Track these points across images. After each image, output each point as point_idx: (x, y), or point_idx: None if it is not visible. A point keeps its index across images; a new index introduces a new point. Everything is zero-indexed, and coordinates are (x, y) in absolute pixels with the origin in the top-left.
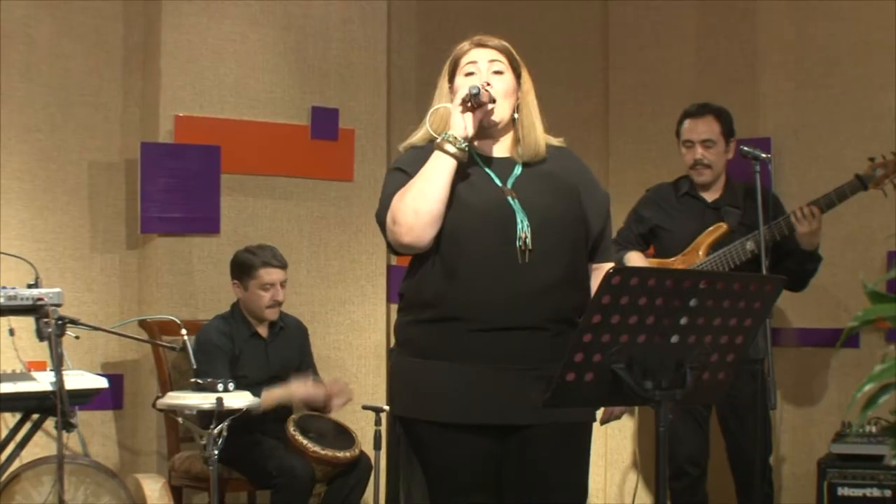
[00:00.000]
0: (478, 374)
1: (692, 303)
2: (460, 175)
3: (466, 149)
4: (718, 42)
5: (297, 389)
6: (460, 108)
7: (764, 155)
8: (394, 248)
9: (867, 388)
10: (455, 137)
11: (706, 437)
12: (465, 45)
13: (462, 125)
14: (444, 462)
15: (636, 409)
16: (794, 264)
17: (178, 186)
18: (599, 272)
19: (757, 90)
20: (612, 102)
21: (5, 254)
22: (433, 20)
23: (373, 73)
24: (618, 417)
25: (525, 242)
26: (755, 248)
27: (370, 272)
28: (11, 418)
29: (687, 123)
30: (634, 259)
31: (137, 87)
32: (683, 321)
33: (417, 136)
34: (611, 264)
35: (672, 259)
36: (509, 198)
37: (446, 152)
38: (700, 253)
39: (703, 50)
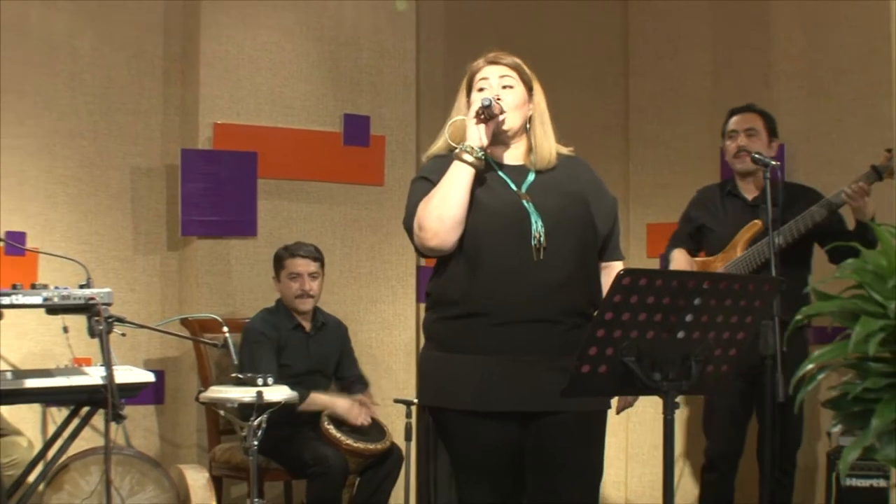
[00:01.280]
0: (499, 365)
1: (696, 301)
2: (479, 181)
3: (483, 157)
4: (733, 51)
5: (342, 407)
6: (475, 121)
7: (773, 162)
8: (421, 252)
9: (807, 367)
10: (472, 147)
11: (742, 436)
12: (480, 62)
13: (477, 136)
14: (468, 448)
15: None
16: (856, 236)
17: (216, 191)
18: (609, 270)
19: (771, 97)
20: (633, 108)
21: (60, 256)
22: (460, 29)
23: (402, 82)
24: (631, 405)
25: (539, 241)
26: (783, 243)
27: (400, 273)
28: (58, 413)
29: (733, 118)
30: (677, 256)
31: (177, 95)
32: (689, 318)
33: (437, 146)
34: (619, 263)
35: (714, 257)
36: (524, 201)
37: (464, 161)
38: (738, 250)
39: (719, 58)
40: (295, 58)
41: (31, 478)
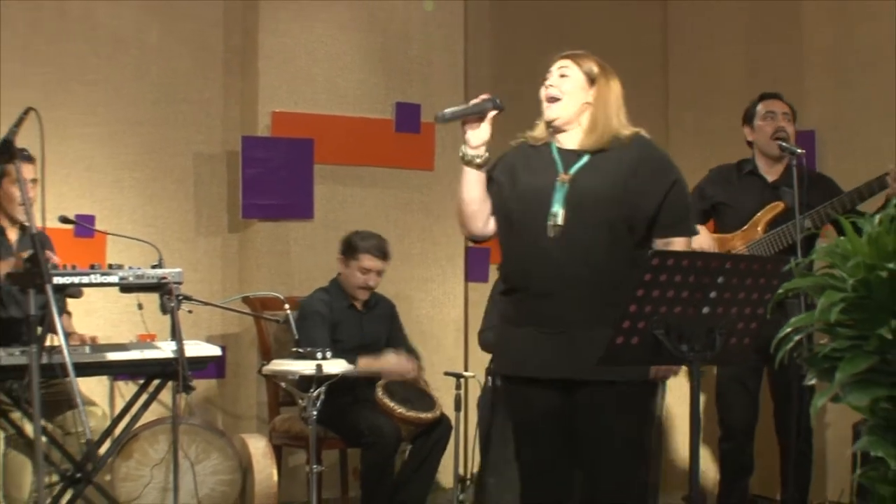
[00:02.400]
0: (537, 334)
1: (719, 280)
2: (528, 166)
3: (481, 156)
4: (766, 44)
5: (390, 361)
6: (465, 128)
7: (799, 150)
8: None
9: (786, 331)
10: (465, 152)
11: (755, 406)
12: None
13: (471, 137)
14: (521, 410)
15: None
16: None
17: (275, 176)
18: (672, 246)
19: (801, 88)
20: (671, 99)
21: (133, 238)
22: (506, 21)
23: (451, 71)
24: (666, 377)
25: (556, 221)
26: (812, 226)
27: (450, 253)
28: (124, 387)
29: (766, 102)
30: (702, 232)
31: (237, 85)
32: (713, 295)
33: (519, 140)
34: (682, 239)
35: (732, 235)
36: (558, 183)
37: (464, 164)
38: (759, 229)
39: (753, 51)
40: (349, 49)
41: (104, 448)
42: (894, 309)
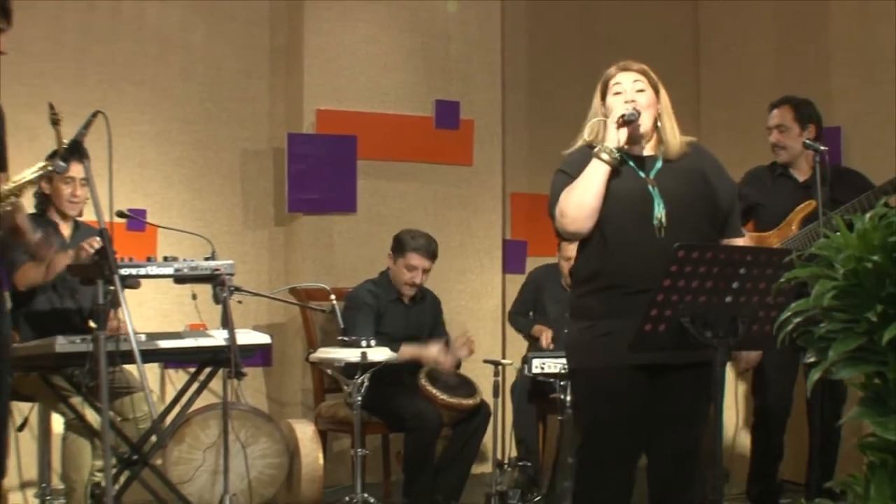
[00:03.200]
0: (630, 327)
1: (741, 271)
2: (614, 173)
3: (618, 157)
4: (795, 42)
5: (431, 352)
6: (615, 125)
7: (822, 147)
8: (561, 235)
9: (786, 315)
10: (609, 149)
11: (788, 395)
12: (613, 69)
13: (615, 138)
14: (604, 399)
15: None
16: None
17: (319, 171)
18: (732, 245)
19: (828, 85)
20: (703, 95)
21: (188, 232)
22: (542, 20)
23: (488, 70)
24: (754, 364)
25: (661, 222)
26: (850, 223)
27: (487, 246)
28: (174, 374)
29: (770, 114)
30: None
31: (282, 84)
32: (735, 285)
33: (577, 145)
34: (740, 239)
35: (769, 233)
36: (649, 186)
37: (602, 160)
38: (793, 227)
39: (782, 49)
40: (390, 49)
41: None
42: (880, 295)
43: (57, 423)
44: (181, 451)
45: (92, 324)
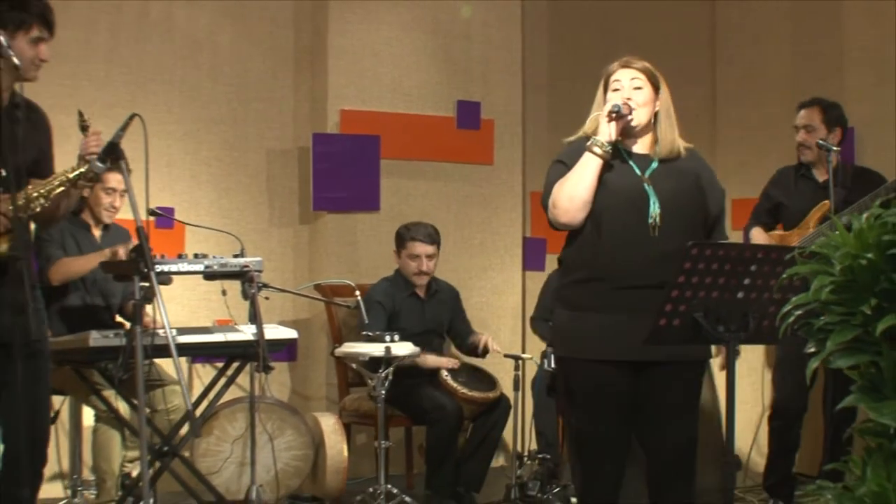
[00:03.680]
0: (617, 322)
1: (752, 268)
2: (608, 167)
3: (609, 150)
4: (810, 42)
5: (446, 363)
6: (606, 119)
7: (835, 148)
8: (553, 225)
9: (787, 308)
10: (601, 142)
11: (804, 389)
12: (615, 65)
13: (607, 132)
14: (590, 391)
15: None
16: None
17: (343, 170)
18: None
19: (843, 84)
20: (719, 93)
21: (217, 230)
22: (562, 21)
23: (509, 70)
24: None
25: (656, 220)
26: (849, 223)
27: (508, 243)
28: (202, 368)
29: (798, 113)
30: (756, 235)
31: (307, 84)
32: (746, 282)
33: (577, 135)
34: (724, 242)
35: (790, 232)
36: (645, 185)
37: (594, 153)
38: (810, 227)
39: (798, 49)
40: (413, 50)
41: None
42: (874, 290)
43: (87, 415)
44: (209, 444)
45: (120, 319)
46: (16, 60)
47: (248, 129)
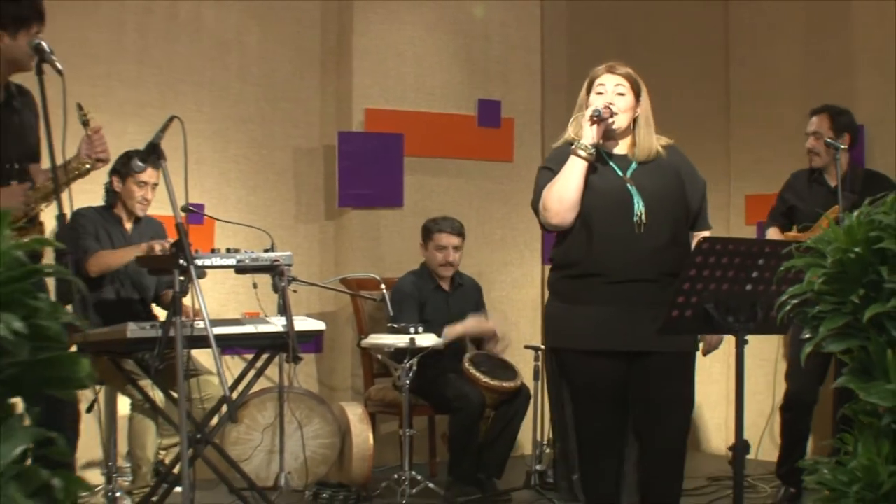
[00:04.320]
0: (609, 314)
1: (760, 262)
2: (592, 169)
3: (593, 152)
4: (821, 42)
5: (471, 323)
6: (588, 122)
7: (842, 146)
8: (545, 227)
9: (784, 297)
10: (585, 145)
11: (815, 382)
12: (600, 69)
13: (590, 135)
14: (584, 381)
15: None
16: None
17: (368, 168)
18: (697, 237)
19: (853, 84)
20: (733, 92)
21: (248, 225)
22: (580, 22)
23: (528, 70)
24: (716, 347)
25: (641, 218)
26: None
27: (527, 238)
28: (230, 360)
29: (809, 120)
30: (772, 234)
31: (333, 84)
32: (755, 275)
33: (562, 139)
34: (707, 231)
35: (804, 234)
36: (629, 185)
37: (579, 156)
38: (822, 229)
39: (809, 48)
40: (435, 50)
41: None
42: (862, 281)
43: (122, 405)
44: (239, 432)
45: (155, 310)
46: (59, 65)
47: (275, 128)
